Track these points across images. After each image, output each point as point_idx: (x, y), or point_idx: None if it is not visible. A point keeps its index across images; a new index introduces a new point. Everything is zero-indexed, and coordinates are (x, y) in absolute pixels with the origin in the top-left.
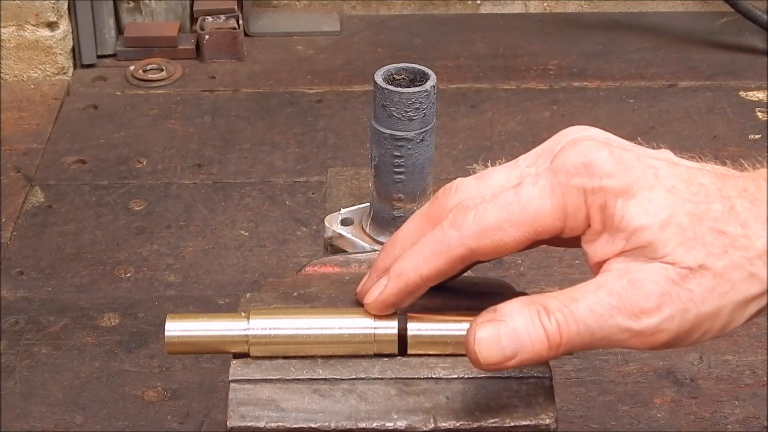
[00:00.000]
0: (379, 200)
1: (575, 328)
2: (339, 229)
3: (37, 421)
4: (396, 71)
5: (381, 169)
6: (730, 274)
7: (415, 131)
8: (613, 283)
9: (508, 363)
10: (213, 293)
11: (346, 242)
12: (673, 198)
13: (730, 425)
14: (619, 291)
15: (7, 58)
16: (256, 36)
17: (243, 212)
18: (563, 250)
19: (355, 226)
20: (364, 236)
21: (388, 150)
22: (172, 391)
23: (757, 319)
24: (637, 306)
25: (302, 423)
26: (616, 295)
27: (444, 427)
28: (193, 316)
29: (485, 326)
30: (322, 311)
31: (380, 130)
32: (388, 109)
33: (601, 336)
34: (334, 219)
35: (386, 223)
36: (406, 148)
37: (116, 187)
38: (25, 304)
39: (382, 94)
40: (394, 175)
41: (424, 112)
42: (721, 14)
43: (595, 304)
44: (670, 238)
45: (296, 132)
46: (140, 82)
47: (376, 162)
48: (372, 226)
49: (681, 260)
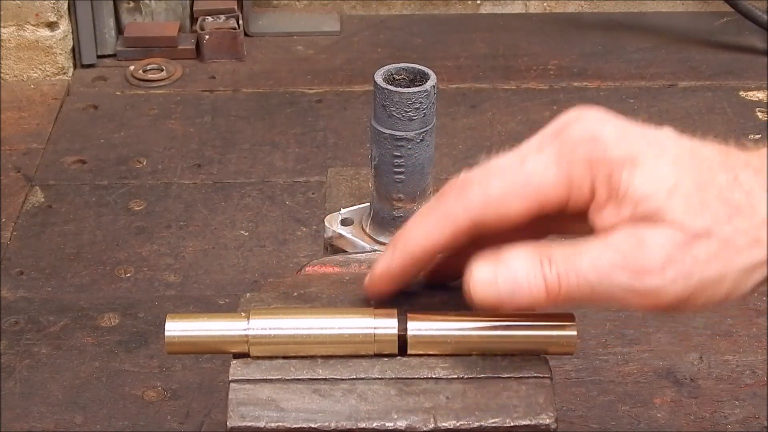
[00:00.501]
0: (379, 200)
1: (575, 281)
2: (339, 229)
3: (37, 421)
4: (396, 71)
5: (381, 169)
6: (735, 240)
7: (415, 131)
8: (619, 242)
9: (502, 306)
10: (213, 293)
11: (346, 242)
12: (679, 167)
13: (730, 425)
14: (624, 249)
15: (7, 58)
16: (256, 36)
17: (243, 212)
18: None
19: (355, 226)
20: (364, 236)
21: (388, 150)
22: (172, 391)
23: (756, 318)
24: (641, 265)
25: (302, 423)
26: (621, 253)
27: (444, 427)
28: (193, 316)
29: (484, 266)
30: (322, 311)
31: (380, 130)
32: (388, 109)
33: (602, 292)
34: (334, 219)
35: (386, 223)
36: (406, 148)
37: (116, 187)
38: (25, 304)
39: (382, 94)
40: (394, 175)
41: (424, 112)
42: (721, 14)
43: (599, 260)
44: (676, 204)
45: (296, 132)
46: (140, 82)
47: (376, 162)
48: (372, 226)
49: (688, 225)
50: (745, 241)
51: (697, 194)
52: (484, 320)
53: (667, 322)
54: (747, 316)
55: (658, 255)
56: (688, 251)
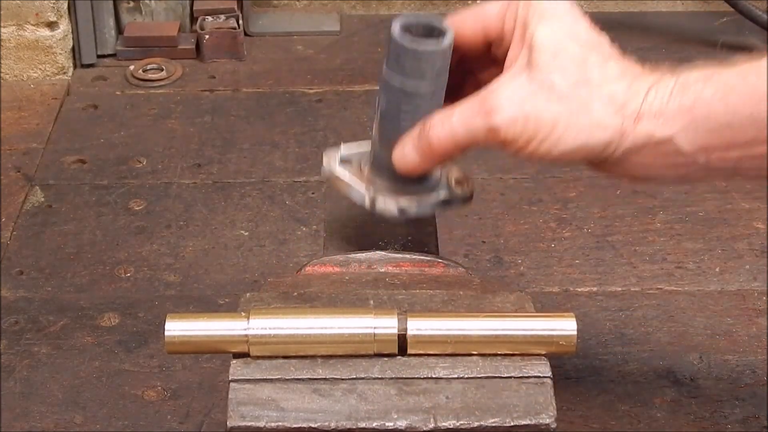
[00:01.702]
0: (380, 146)
1: (444, 133)
2: (336, 170)
3: (37, 421)
4: (414, 24)
5: (386, 118)
6: (571, 98)
7: (427, 88)
8: (481, 93)
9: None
10: (213, 293)
11: (342, 184)
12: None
13: (730, 425)
14: (483, 96)
15: (7, 57)
16: (256, 36)
17: (243, 212)
18: (563, 250)
19: (353, 167)
20: (362, 179)
21: (395, 101)
22: (172, 391)
23: (756, 318)
24: (491, 106)
25: (302, 423)
26: (480, 100)
27: (444, 426)
28: (193, 316)
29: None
30: (322, 311)
31: (390, 82)
32: (401, 62)
33: (466, 136)
34: (333, 157)
35: (385, 170)
36: (414, 104)
37: (116, 186)
38: (25, 304)
39: (397, 46)
40: (400, 123)
41: (437, 70)
42: (721, 14)
43: (464, 109)
44: (549, 61)
45: (296, 132)
46: (140, 81)
47: (382, 109)
48: (372, 169)
49: (543, 79)
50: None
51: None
52: (484, 320)
53: (667, 322)
54: (747, 316)
55: (505, 99)
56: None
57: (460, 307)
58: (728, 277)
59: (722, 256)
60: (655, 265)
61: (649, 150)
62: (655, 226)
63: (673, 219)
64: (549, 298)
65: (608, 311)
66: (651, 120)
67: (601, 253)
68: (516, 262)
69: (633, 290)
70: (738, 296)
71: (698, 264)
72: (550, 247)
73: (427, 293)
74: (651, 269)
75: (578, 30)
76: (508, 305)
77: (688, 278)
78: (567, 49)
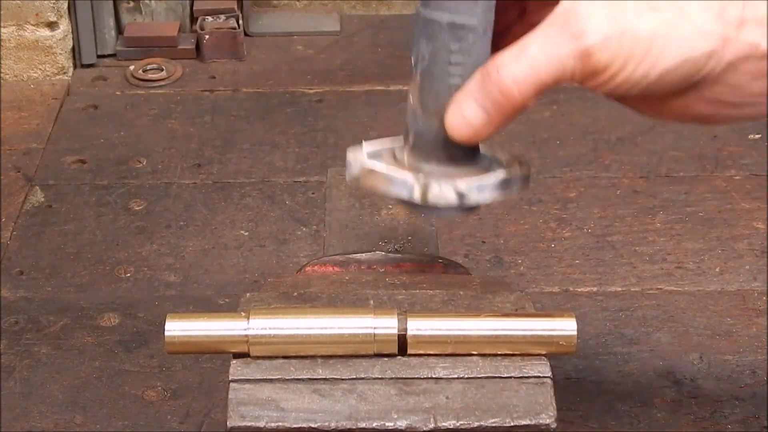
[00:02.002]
0: (426, 116)
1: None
2: (368, 163)
3: (37, 421)
4: None
5: (431, 73)
6: (666, 6)
7: (481, 18)
8: (558, 18)
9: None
10: (213, 293)
11: (379, 178)
12: None
13: (730, 425)
14: (563, 18)
15: (7, 58)
16: (256, 36)
17: (243, 212)
18: (563, 250)
19: (386, 158)
20: (403, 167)
21: (441, 45)
22: (172, 391)
23: (756, 318)
24: (578, 27)
25: (302, 423)
26: (560, 22)
27: (444, 427)
28: (193, 316)
29: (452, 108)
30: (322, 311)
31: (432, 19)
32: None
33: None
34: (358, 152)
35: (432, 148)
36: (467, 41)
37: (116, 187)
38: (25, 304)
39: None
40: (449, 79)
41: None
42: None
43: (544, 38)
44: None
45: (296, 132)
46: (140, 82)
47: (425, 64)
48: (413, 154)
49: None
50: (674, 14)
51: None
52: (484, 320)
53: (667, 322)
54: (747, 316)
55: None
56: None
57: (460, 307)
58: (728, 277)
59: (722, 256)
60: (655, 265)
61: (750, 65)
62: (655, 226)
63: (673, 219)
64: (549, 298)
65: (608, 311)
66: (756, 28)
67: (601, 253)
68: (516, 262)
69: (633, 290)
70: (738, 296)
71: (698, 264)
72: (550, 247)
73: (427, 293)
74: (651, 269)
75: None
76: (508, 305)
77: (688, 278)
78: None
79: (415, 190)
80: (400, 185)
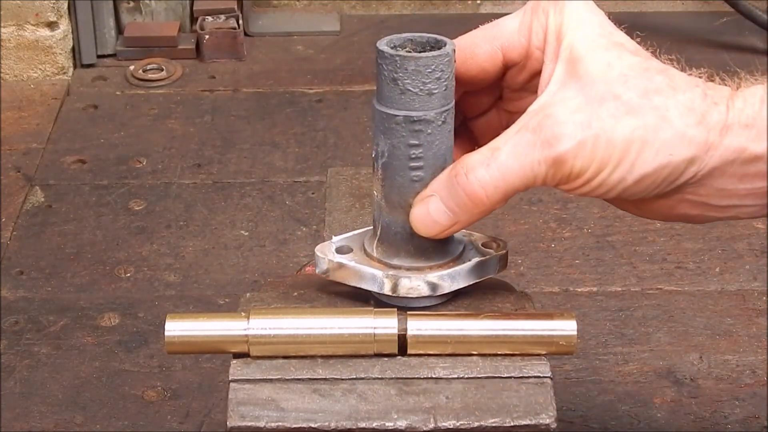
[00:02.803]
0: (390, 210)
1: (492, 177)
2: (338, 258)
3: (37, 421)
4: (401, 42)
5: (393, 167)
6: (644, 110)
7: (436, 110)
8: (530, 121)
9: (451, 230)
10: (213, 293)
11: (348, 272)
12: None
13: (730, 425)
14: (535, 126)
15: (7, 58)
16: (256, 36)
17: (243, 212)
18: (563, 250)
19: (356, 253)
20: (372, 261)
21: (401, 139)
22: (172, 391)
23: (756, 318)
24: (551, 132)
25: (302, 423)
26: (533, 127)
27: (444, 427)
28: (193, 316)
29: (417, 205)
30: (322, 311)
31: (390, 114)
32: (401, 83)
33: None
34: (327, 248)
35: (400, 240)
36: (425, 134)
37: (116, 187)
38: (25, 304)
39: (392, 63)
40: (410, 173)
41: (445, 84)
42: (721, 14)
43: (516, 145)
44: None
45: (296, 132)
46: (140, 82)
47: (384, 159)
48: (381, 247)
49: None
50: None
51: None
52: (484, 320)
53: (667, 322)
54: (747, 316)
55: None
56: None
57: (460, 307)
58: (728, 277)
59: (722, 256)
60: (655, 265)
61: (736, 169)
62: (655, 226)
63: None
64: (549, 298)
65: (608, 311)
66: (742, 131)
67: (601, 253)
68: (516, 262)
69: (633, 290)
70: (738, 296)
71: (698, 264)
72: (550, 247)
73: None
74: (651, 269)
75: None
76: (508, 305)
77: (688, 278)
78: (621, 57)
79: (385, 286)
80: (369, 280)
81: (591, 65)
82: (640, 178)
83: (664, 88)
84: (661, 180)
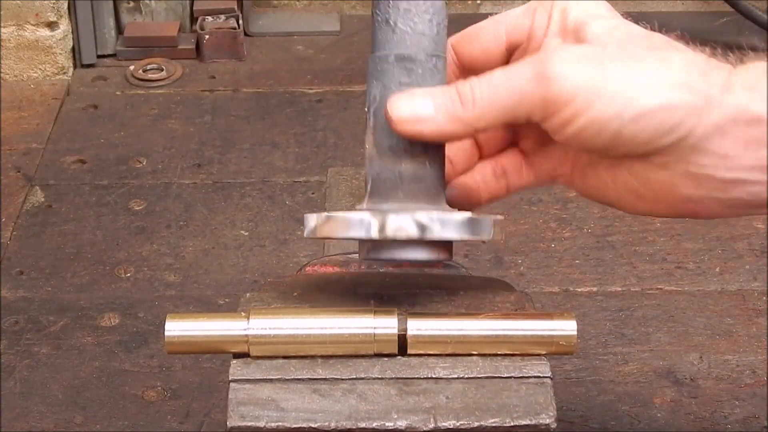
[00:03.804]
0: (381, 157)
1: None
2: (327, 213)
3: (37, 421)
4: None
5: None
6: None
7: (427, 52)
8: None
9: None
10: (213, 293)
11: (336, 223)
12: (623, 20)
13: (730, 425)
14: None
15: (7, 58)
16: (256, 36)
17: (243, 212)
18: (563, 250)
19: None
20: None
21: (392, 79)
22: (172, 391)
23: (756, 318)
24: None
25: (302, 423)
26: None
27: (444, 427)
28: (193, 316)
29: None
30: (322, 311)
31: (383, 55)
32: (392, 22)
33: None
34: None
35: (390, 187)
36: (416, 74)
37: (116, 187)
38: (25, 304)
39: (386, 4)
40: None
41: (437, 29)
42: (721, 14)
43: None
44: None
45: (296, 132)
46: (140, 82)
47: (376, 104)
48: (372, 199)
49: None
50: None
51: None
52: (484, 320)
53: (667, 322)
54: (747, 316)
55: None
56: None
57: (460, 307)
58: (728, 277)
59: (722, 256)
60: (655, 265)
61: (740, 131)
62: (655, 226)
63: (672, 219)
64: (549, 298)
65: (608, 311)
66: (743, 91)
67: (601, 253)
68: (516, 262)
69: (633, 290)
70: (738, 296)
71: (698, 264)
72: (550, 247)
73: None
74: (651, 269)
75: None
76: (508, 305)
77: (688, 278)
78: (627, 24)
79: (372, 226)
80: (356, 225)
81: (596, 28)
82: (638, 115)
83: (668, 47)
84: (658, 123)
